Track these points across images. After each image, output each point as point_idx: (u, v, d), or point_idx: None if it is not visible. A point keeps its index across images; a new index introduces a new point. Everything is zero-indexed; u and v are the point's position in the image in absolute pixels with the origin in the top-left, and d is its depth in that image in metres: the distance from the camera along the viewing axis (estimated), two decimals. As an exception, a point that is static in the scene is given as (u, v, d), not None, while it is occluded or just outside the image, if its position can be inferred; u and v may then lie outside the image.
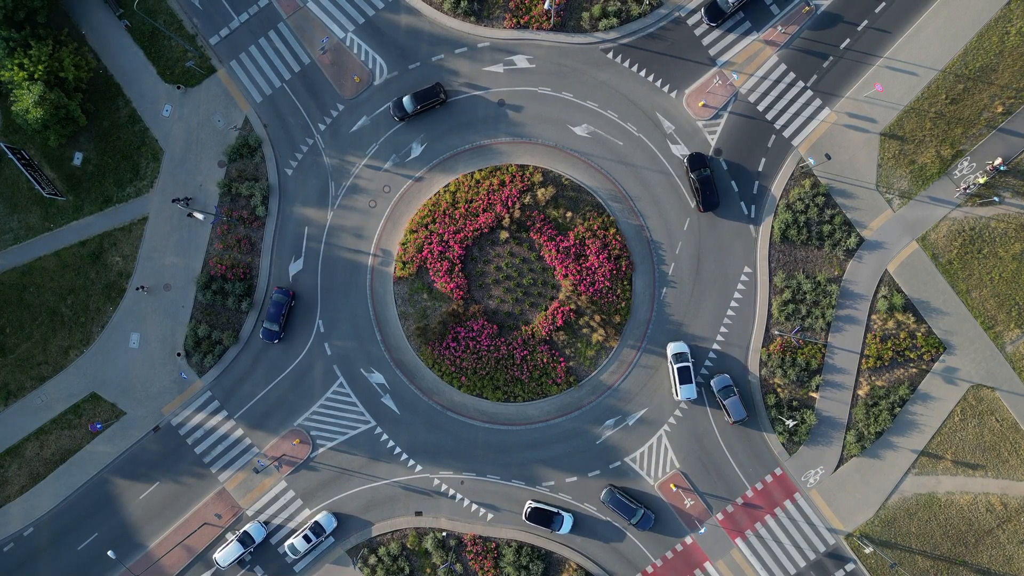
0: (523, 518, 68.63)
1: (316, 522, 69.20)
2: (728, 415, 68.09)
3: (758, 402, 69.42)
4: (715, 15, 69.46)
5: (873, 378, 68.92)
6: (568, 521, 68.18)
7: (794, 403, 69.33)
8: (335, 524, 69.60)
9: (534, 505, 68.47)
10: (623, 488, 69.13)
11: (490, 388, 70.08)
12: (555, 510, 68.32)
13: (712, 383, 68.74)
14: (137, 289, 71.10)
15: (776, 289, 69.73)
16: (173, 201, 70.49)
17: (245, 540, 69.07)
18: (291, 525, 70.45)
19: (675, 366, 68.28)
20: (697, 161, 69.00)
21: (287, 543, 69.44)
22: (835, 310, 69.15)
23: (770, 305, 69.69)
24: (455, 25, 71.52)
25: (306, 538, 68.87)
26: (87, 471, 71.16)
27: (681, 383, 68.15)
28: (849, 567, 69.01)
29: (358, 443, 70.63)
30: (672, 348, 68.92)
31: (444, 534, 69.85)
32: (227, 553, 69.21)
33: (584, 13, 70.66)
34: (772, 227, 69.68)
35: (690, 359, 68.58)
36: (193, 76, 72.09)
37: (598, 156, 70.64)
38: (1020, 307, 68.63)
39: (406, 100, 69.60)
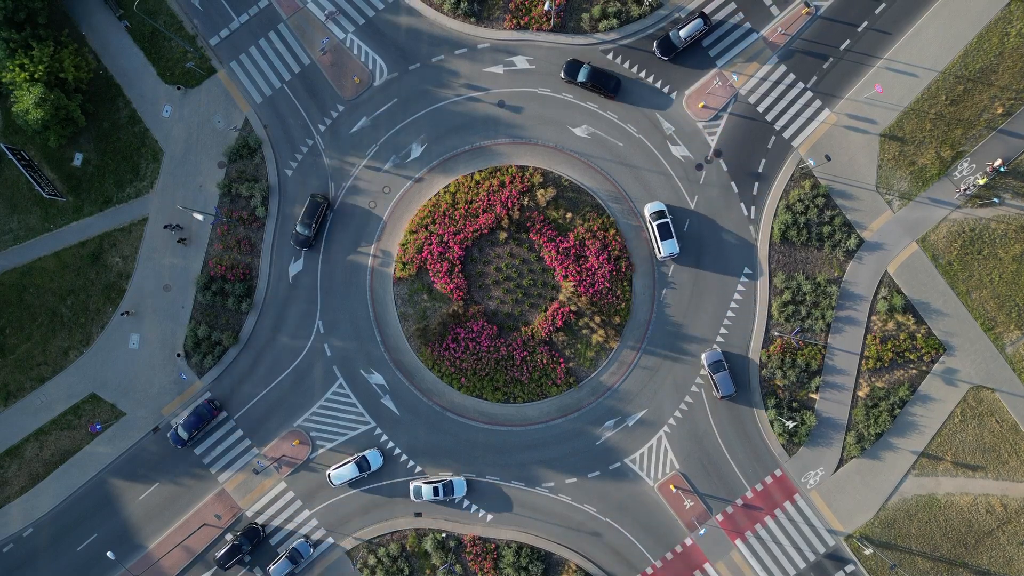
0: None
1: (451, 480, 68.60)
2: (716, 389, 68.10)
3: (758, 402, 69.42)
4: (667, 50, 69.66)
5: (873, 379, 68.90)
6: None
7: (794, 404, 69.31)
8: (465, 490, 69.03)
9: None
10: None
11: (490, 389, 70.07)
12: None
13: (703, 357, 68.77)
14: (122, 314, 71.03)
15: (776, 290, 69.72)
16: (165, 227, 70.45)
17: (362, 464, 68.60)
18: (290, 526, 70.44)
19: (654, 224, 68.36)
20: (574, 66, 69.31)
21: (414, 484, 68.87)
22: (835, 311, 69.13)
23: (770, 306, 69.68)
24: (455, 26, 71.54)
25: (435, 490, 68.13)
26: (87, 472, 71.13)
27: (662, 239, 68.28)
28: (849, 568, 68.96)
29: (358, 444, 70.59)
30: (649, 207, 69.09)
31: (444, 535, 69.80)
32: (342, 472, 68.73)
33: (584, 14, 70.68)
34: (772, 228, 69.68)
35: (668, 215, 68.62)
36: (193, 77, 72.13)
37: (598, 157, 70.65)
38: (1020, 308, 68.60)
39: (299, 229, 69.14)
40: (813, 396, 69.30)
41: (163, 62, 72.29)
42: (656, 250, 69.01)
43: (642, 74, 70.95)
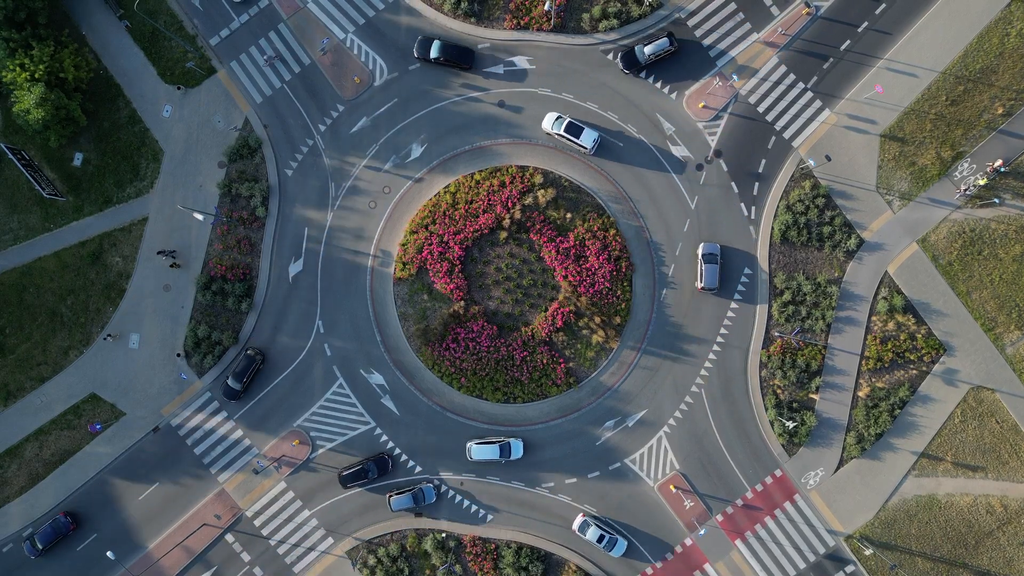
0: None
1: (617, 538, 68.22)
2: (700, 279, 68.32)
3: (758, 401, 69.42)
4: (630, 64, 69.72)
5: (873, 379, 68.89)
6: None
7: (794, 405, 69.30)
8: (624, 550, 68.60)
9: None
10: None
11: (490, 389, 70.06)
12: None
13: (700, 247, 68.97)
14: (105, 338, 70.95)
15: (776, 290, 69.71)
16: (158, 253, 70.30)
17: (504, 449, 68.16)
18: (289, 527, 70.45)
19: (560, 131, 68.83)
20: (425, 43, 69.98)
21: (581, 519, 68.42)
22: (835, 311, 69.12)
23: (770, 306, 69.67)
24: (455, 26, 71.53)
25: (600, 538, 67.64)
26: (86, 472, 71.11)
27: (577, 137, 68.82)
28: (849, 569, 68.95)
29: (358, 444, 70.59)
30: (546, 121, 69.51)
31: (444, 535, 69.80)
32: (483, 449, 68.46)
33: (584, 14, 70.68)
34: (772, 228, 69.67)
35: (567, 116, 69.19)
36: (193, 77, 72.13)
37: (598, 157, 70.60)
38: (1020, 309, 68.59)
39: (231, 383, 69.05)
40: (813, 396, 69.29)
41: (163, 62, 72.29)
42: (581, 150, 69.41)
43: (642, 74, 70.91)
